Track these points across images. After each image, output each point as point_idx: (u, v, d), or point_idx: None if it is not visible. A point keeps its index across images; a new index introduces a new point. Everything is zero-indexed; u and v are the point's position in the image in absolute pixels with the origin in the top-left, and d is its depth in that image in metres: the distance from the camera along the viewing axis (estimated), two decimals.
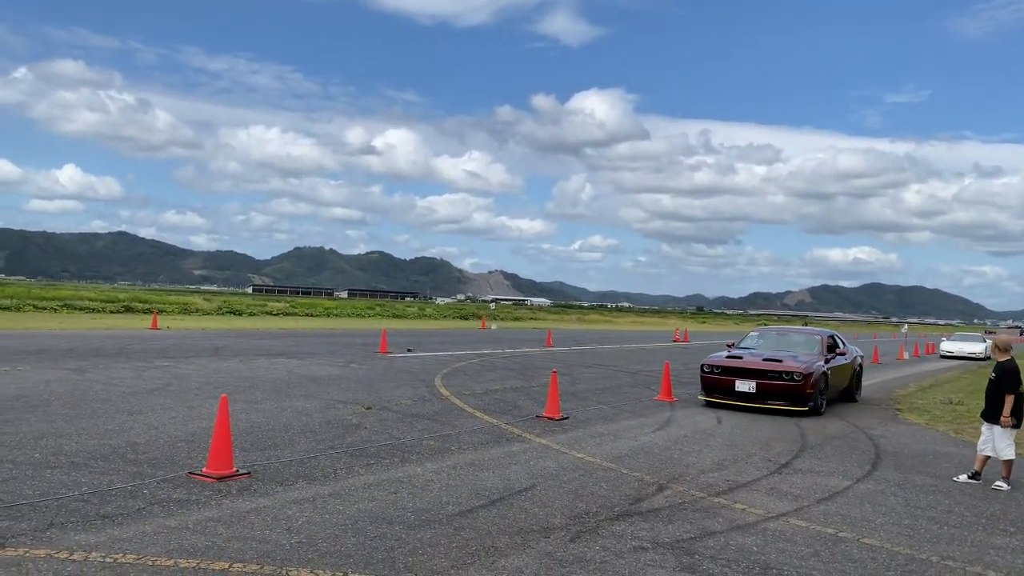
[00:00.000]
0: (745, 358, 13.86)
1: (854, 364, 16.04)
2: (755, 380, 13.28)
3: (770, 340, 15.67)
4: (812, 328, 16.65)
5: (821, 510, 7.05)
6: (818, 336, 15.46)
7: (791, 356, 13.90)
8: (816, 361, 13.73)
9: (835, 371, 14.33)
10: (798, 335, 15.84)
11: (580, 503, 6.80)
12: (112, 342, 21.17)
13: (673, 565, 5.31)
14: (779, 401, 13.09)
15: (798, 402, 13.01)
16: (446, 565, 5.04)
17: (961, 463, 9.63)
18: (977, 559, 5.86)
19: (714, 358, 14.15)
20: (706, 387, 13.96)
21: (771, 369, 13.32)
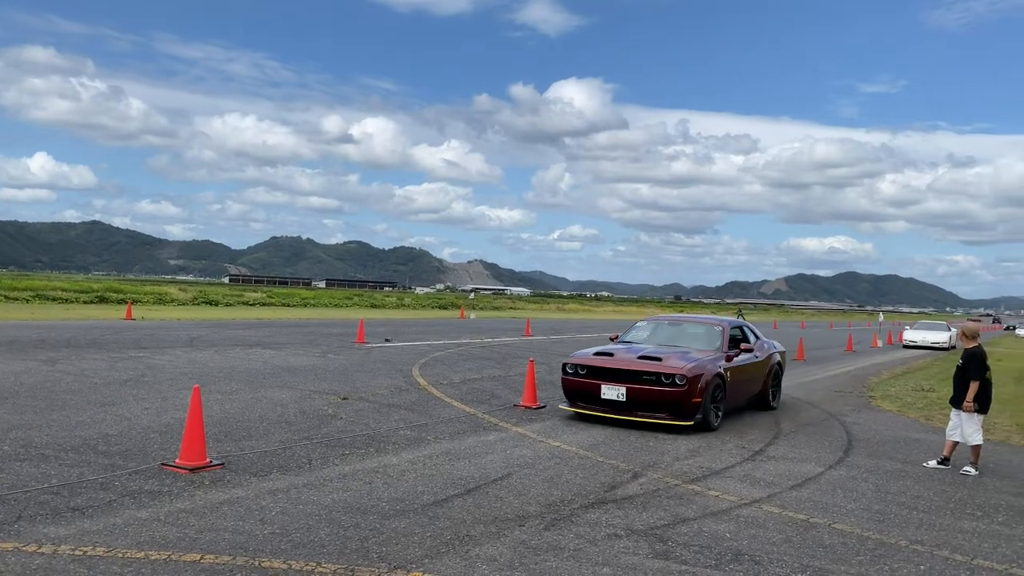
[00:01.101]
0: (617, 355, 10.67)
1: (769, 363, 12.68)
2: (625, 384, 10.16)
3: (660, 332, 12.40)
4: (714, 317, 13.17)
5: (794, 496, 7.13)
6: (719, 327, 12.01)
7: (678, 353, 10.84)
8: (710, 359, 10.70)
9: (738, 372, 11.28)
10: (695, 326, 12.51)
11: (555, 491, 6.82)
12: (85, 333, 20.91)
13: (647, 552, 5.34)
14: (655, 412, 10.06)
15: (680, 413, 9.96)
16: (420, 555, 5.04)
17: (931, 449, 9.78)
18: (945, 543, 5.96)
19: (579, 355, 11.09)
20: (568, 392, 10.85)
21: (647, 370, 10.13)
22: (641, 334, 12.43)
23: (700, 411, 10.03)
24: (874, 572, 5.20)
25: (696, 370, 10.11)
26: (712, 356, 10.88)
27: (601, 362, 10.58)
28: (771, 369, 12.73)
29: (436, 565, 4.87)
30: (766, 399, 12.61)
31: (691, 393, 9.91)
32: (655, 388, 10.02)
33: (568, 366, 10.83)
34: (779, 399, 13.10)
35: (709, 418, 10.22)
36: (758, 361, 12.23)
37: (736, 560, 5.28)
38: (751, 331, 12.79)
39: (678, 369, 10.03)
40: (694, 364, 10.26)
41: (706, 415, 10.15)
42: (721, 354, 11.11)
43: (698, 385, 9.99)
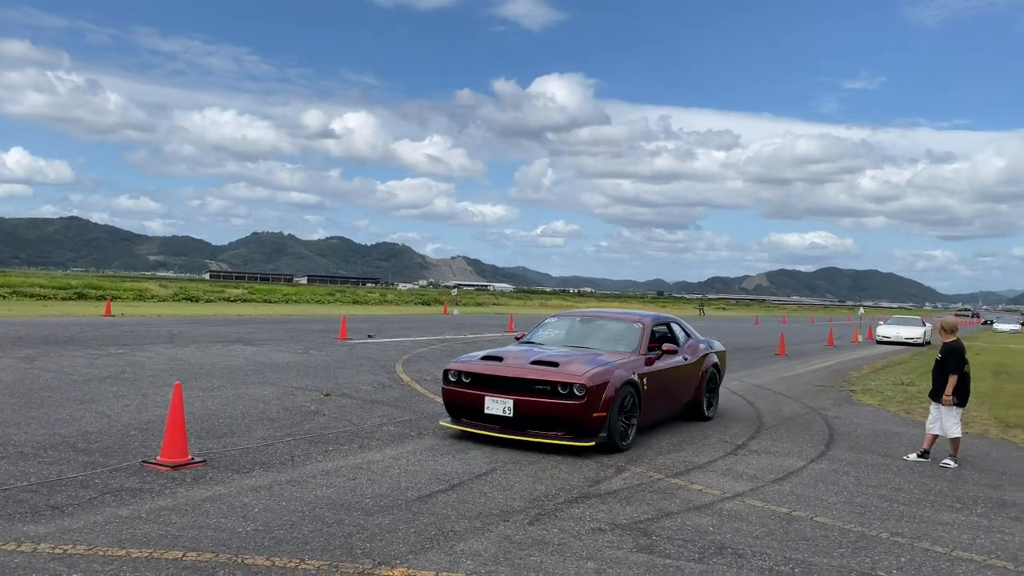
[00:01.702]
0: (507, 360, 8.78)
1: (702, 366, 10.92)
2: (513, 396, 8.25)
3: (571, 330, 10.49)
4: (635, 312, 10.96)
5: (776, 490, 7.18)
6: (638, 325, 10.06)
7: (582, 356, 8.88)
8: (622, 364, 8.82)
9: (660, 378, 9.47)
10: (610, 323, 10.44)
11: (539, 486, 6.83)
12: (64, 329, 20.69)
13: (630, 546, 5.36)
14: (549, 430, 8.20)
15: (579, 431, 8.11)
16: (404, 550, 5.03)
17: (911, 442, 9.88)
18: (925, 535, 6.02)
19: (464, 360, 9.10)
20: (449, 405, 8.90)
21: (539, 378, 8.25)
22: (549, 333, 10.52)
23: (604, 428, 8.17)
24: (856, 564, 5.25)
25: (599, 377, 8.24)
26: (626, 359, 9.03)
27: (487, 368, 8.61)
28: (705, 373, 10.92)
29: (420, 561, 4.86)
30: (699, 408, 10.77)
31: (592, 406, 8.04)
32: (549, 401, 8.12)
33: (451, 373, 8.86)
34: (716, 407, 11.36)
35: (616, 436, 8.32)
36: (688, 364, 10.43)
37: (719, 553, 5.31)
38: (681, 328, 11.04)
39: (576, 377, 8.14)
40: (598, 370, 8.35)
41: (612, 432, 8.25)
42: (638, 357, 9.29)
43: (602, 396, 8.12)
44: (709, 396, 11.14)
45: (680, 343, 10.60)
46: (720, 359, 11.81)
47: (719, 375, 11.66)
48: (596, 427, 8.14)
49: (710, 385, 11.15)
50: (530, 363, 8.58)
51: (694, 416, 10.84)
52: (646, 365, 9.25)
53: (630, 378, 8.66)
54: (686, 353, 10.55)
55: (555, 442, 8.12)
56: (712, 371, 11.24)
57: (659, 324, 10.52)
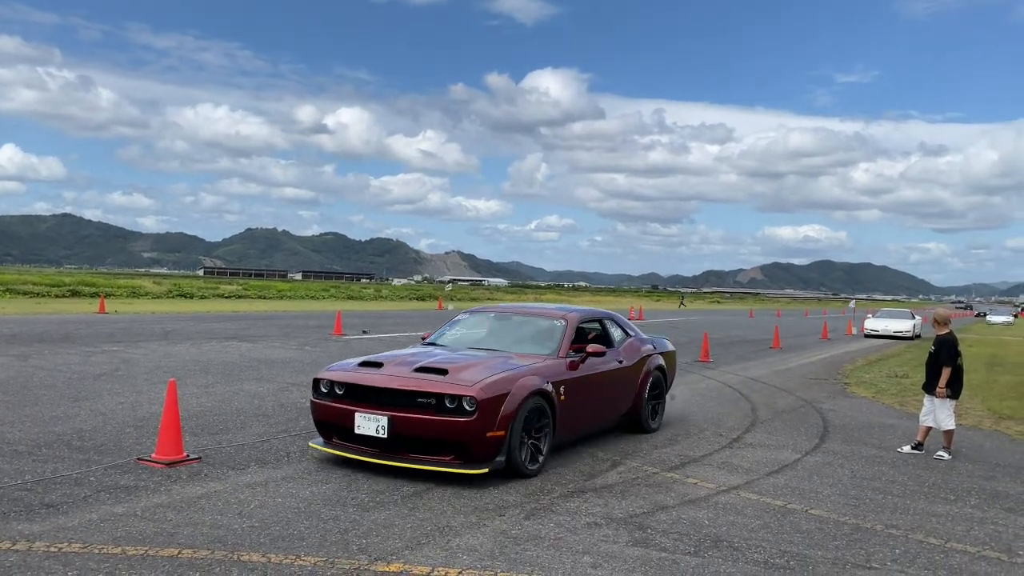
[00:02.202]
0: (388, 366, 7.21)
1: (643, 370, 9.29)
2: (389, 412, 6.70)
3: (483, 328, 9.01)
4: (560, 307, 9.40)
5: (771, 483, 7.20)
6: (560, 322, 8.43)
7: (480, 361, 7.28)
8: (532, 370, 7.23)
9: (584, 385, 7.90)
10: (530, 319, 8.85)
11: (535, 481, 6.84)
12: (57, 327, 20.62)
13: (626, 540, 5.37)
14: (433, 454, 6.66)
15: (469, 455, 6.57)
16: (400, 546, 5.03)
17: (905, 434, 9.91)
18: (919, 527, 6.04)
19: (337, 367, 7.48)
20: (319, 423, 7.31)
21: (421, 389, 6.72)
22: (458, 332, 8.92)
23: (502, 450, 6.64)
24: (850, 556, 5.27)
25: (496, 387, 6.66)
26: (540, 364, 7.46)
27: (360, 377, 7.04)
28: (647, 377, 9.30)
29: (416, 556, 4.86)
30: (639, 419, 9.17)
31: (485, 424, 6.48)
32: (432, 418, 6.56)
33: (322, 383, 7.24)
34: (661, 417, 9.74)
35: (519, 460, 6.78)
36: (623, 367, 8.82)
37: (715, 546, 5.32)
38: (618, 326, 9.43)
39: (465, 387, 6.57)
40: (495, 378, 6.78)
41: (513, 456, 6.72)
42: (556, 361, 7.71)
43: (498, 411, 6.58)
44: (653, 404, 9.53)
45: (614, 343, 9.04)
46: (668, 361, 10.14)
47: (666, 380, 10.04)
48: (491, 449, 6.59)
49: (654, 392, 9.52)
50: (413, 371, 6.96)
51: (634, 428, 9.26)
52: (569, 370, 7.69)
53: (540, 387, 7.04)
54: (621, 355, 8.91)
55: (439, 469, 6.55)
56: (656, 375, 9.59)
57: (588, 321, 9.02)
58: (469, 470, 6.52)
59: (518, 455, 6.81)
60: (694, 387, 13.88)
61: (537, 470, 7.06)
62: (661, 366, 9.81)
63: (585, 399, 7.95)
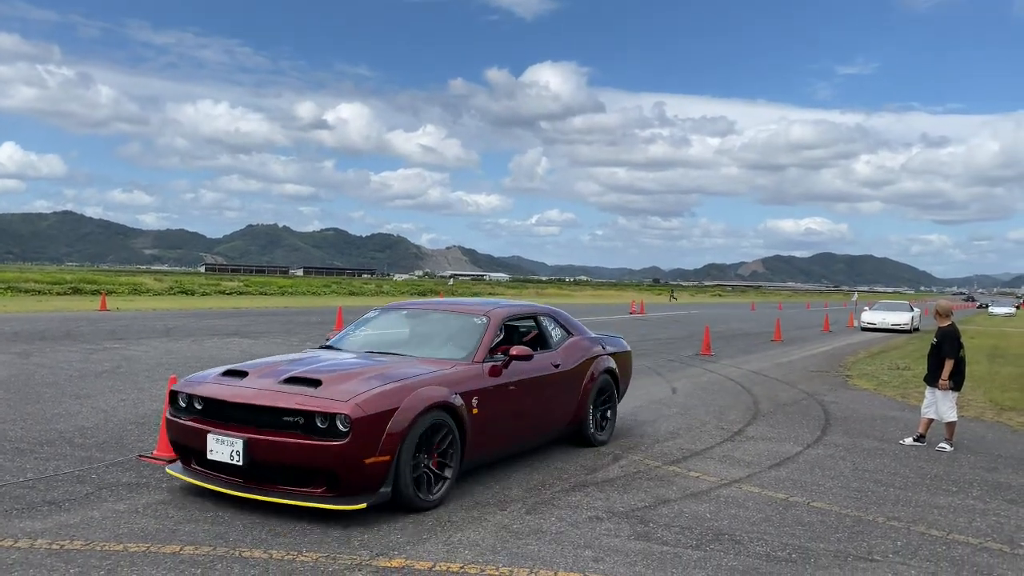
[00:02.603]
0: (253, 375, 5.97)
1: (587, 374, 8.02)
2: (246, 433, 5.49)
3: (392, 328, 7.78)
4: (485, 302, 8.03)
5: (773, 476, 7.20)
6: (481, 319, 7.17)
7: (370, 368, 6.08)
8: (435, 378, 6.03)
9: (509, 394, 6.69)
10: (446, 316, 7.56)
11: (536, 475, 6.84)
12: (59, 324, 20.64)
13: (628, 534, 5.37)
14: (302, 485, 5.42)
15: (343, 486, 5.34)
16: (402, 541, 5.03)
17: (907, 426, 9.90)
18: (921, 519, 6.04)
19: (196, 378, 6.21)
20: (175, 443, 6.06)
21: (285, 405, 5.48)
22: (363, 334, 7.61)
23: (387, 479, 5.40)
24: (852, 549, 5.27)
25: (378, 402, 5.41)
26: (448, 371, 6.21)
27: (217, 390, 5.78)
28: (592, 382, 8.04)
29: (418, 551, 4.87)
30: (584, 430, 7.96)
31: (362, 447, 5.23)
32: (298, 441, 5.29)
33: (180, 396, 5.99)
34: (612, 428, 8.51)
35: (407, 491, 5.50)
36: (561, 372, 7.55)
37: (717, 540, 5.32)
38: (557, 323, 8.18)
39: (337, 403, 5.32)
40: (380, 390, 5.52)
41: (402, 485, 5.46)
42: (471, 366, 6.46)
43: (382, 431, 5.33)
44: (601, 411, 8.33)
45: (552, 343, 7.80)
46: (621, 363, 8.84)
47: (618, 385, 8.69)
48: (371, 479, 5.33)
49: (602, 398, 8.32)
50: (281, 381, 5.72)
51: (578, 441, 8.07)
52: (489, 376, 6.51)
53: (442, 400, 5.80)
54: (560, 357, 7.65)
55: (304, 504, 5.30)
56: (604, 380, 8.32)
57: (518, 318, 7.79)
58: (341, 506, 5.26)
59: (408, 484, 5.53)
60: (696, 380, 13.87)
61: (437, 501, 5.78)
62: (611, 369, 8.48)
63: (509, 410, 6.71)
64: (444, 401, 5.85)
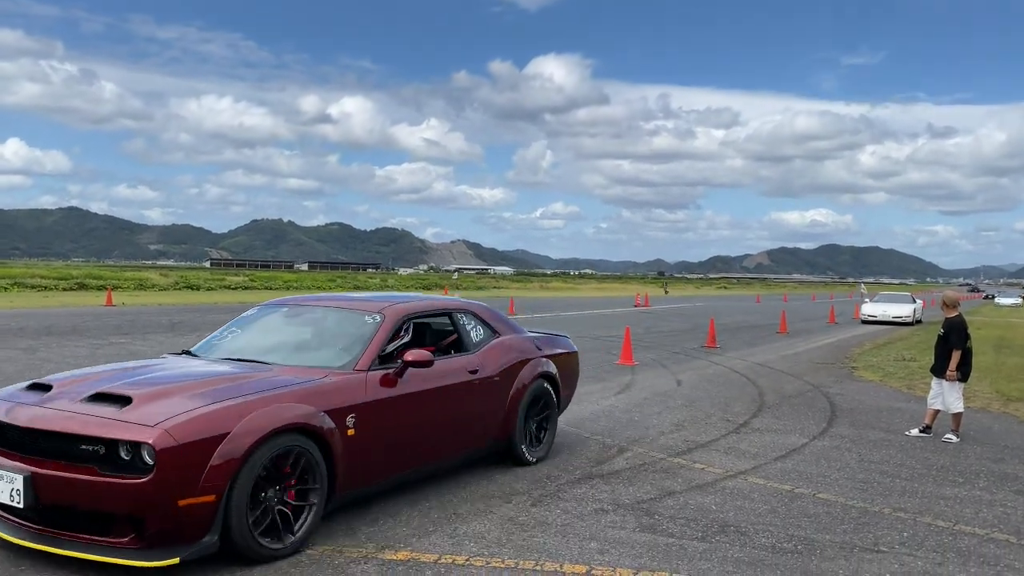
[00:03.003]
0: (57, 389, 4.72)
1: (519, 381, 6.80)
2: (32, 466, 4.23)
3: (267, 328, 6.38)
4: (384, 297, 6.65)
5: (778, 467, 7.19)
6: (374, 317, 5.94)
7: (199, 381, 4.83)
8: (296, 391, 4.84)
9: (399, 411, 5.50)
10: (334, 314, 6.25)
11: (542, 467, 6.84)
12: (65, 320, 20.70)
13: (633, 525, 5.37)
14: (98, 534, 4.13)
15: (149, 534, 4.07)
16: (407, 534, 5.04)
17: (913, 418, 9.88)
18: (927, 510, 6.03)
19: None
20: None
21: (78, 432, 4.22)
22: (231, 335, 6.28)
23: (212, 525, 4.24)
24: (859, 540, 5.26)
25: (197, 426, 4.26)
26: (317, 383, 5.02)
27: (6, 411, 4.61)
28: (523, 391, 6.77)
29: (423, 544, 4.87)
30: (513, 447, 6.74)
31: (174, 485, 4.09)
32: (93, 477, 4.13)
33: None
34: (550, 443, 7.23)
35: (244, 539, 4.36)
36: (481, 380, 6.30)
37: (723, 532, 5.32)
38: (482, 321, 6.86)
39: (141, 429, 4.16)
40: (202, 412, 4.36)
41: (235, 532, 4.32)
42: (351, 376, 5.26)
43: (204, 464, 4.18)
44: (538, 423, 7.09)
45: (470, 344, 6.54)
46: (563, 366, 7.56)
47: (558, 392, 7.38)
48: (190, 526, 4.16)
49: (536, 409, 7.04)
50: (85, 399, 4.52)
51: (507, 459, 6.84)
52: (378, 387, 5.30)
53: (298, 421, 4.61)
54: (478, 361, 6.39)
55: (102, 560, 4.12)
56: (540, 387, 7.04)
57: (426, 315, 6.43)
58: (146, 562, 4.08)
59: (245, 531, 4.33)
60: (701, 373, 13.86)
61: (294, 546, 4.61)
62: (549, 374, 7.18)
63: (403, 428, 5.49)
64: (299, 423, 4.61)
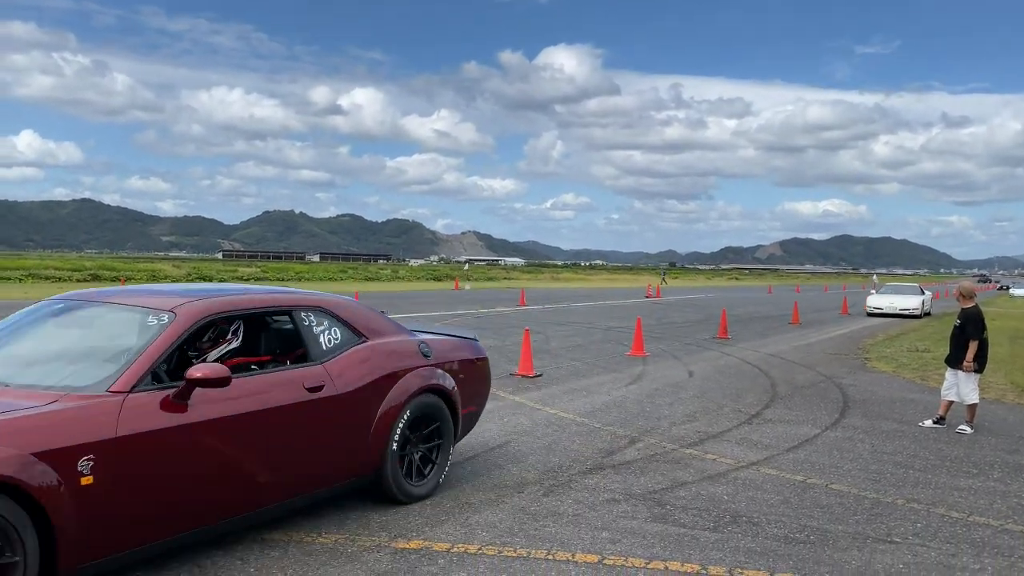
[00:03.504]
0: None
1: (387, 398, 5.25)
2: None
3: (32, 329, 4.85)
4: (181, 290, 4.92)
5: (791, 458, 7.17)
6: (159, 318, 4.37)
7: None
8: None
9: (185, 446, 4.01)
10: (112, 312, 4.70)
11: (553, 458, 6.85)
12: None
13: (645, 516, 5.37)
14: None
15: None
16: (420, 523, 5.06)
17: (927, 409, 9.83)
18: (941, 501, 6.00)
19: None
20: None
21: None
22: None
23: None
24: (871, 531, 5.24)
25: None
26: (33, 411, 3.63)
27: None
28: (397, 411, 5.31)
29: (436, 533, 4.89)
30: (383, 481, 5.30)
31: None
32: None
33: None
34: (439, 476, 5.71)
35: None
36: (326, 399, 4.87)
37: (734, 522, 5.31)
38: (340, 321, 5.34)
39: None
40: None
41: None
42: (101, 402, 3.82)
43: None
44: (424, 451, 5.61)
45: (316, 351, 5.04)
46: (463, 376, 6.00)
47: (454, 410, 5.80)
48: None
49: (421, 433, 5.56)
50: None
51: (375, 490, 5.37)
52: (152, 414, 3.95)
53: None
54: (324, 374, 4.93)
55: None
56: (425, 404, 5.51)
57: (237, 313, 4.81)
58: None
59: None
60: (713, 363, 13.83)
61: None
62: (441, 388, 5.61)
63: (181, 473, 4.04)
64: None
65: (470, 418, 6.28)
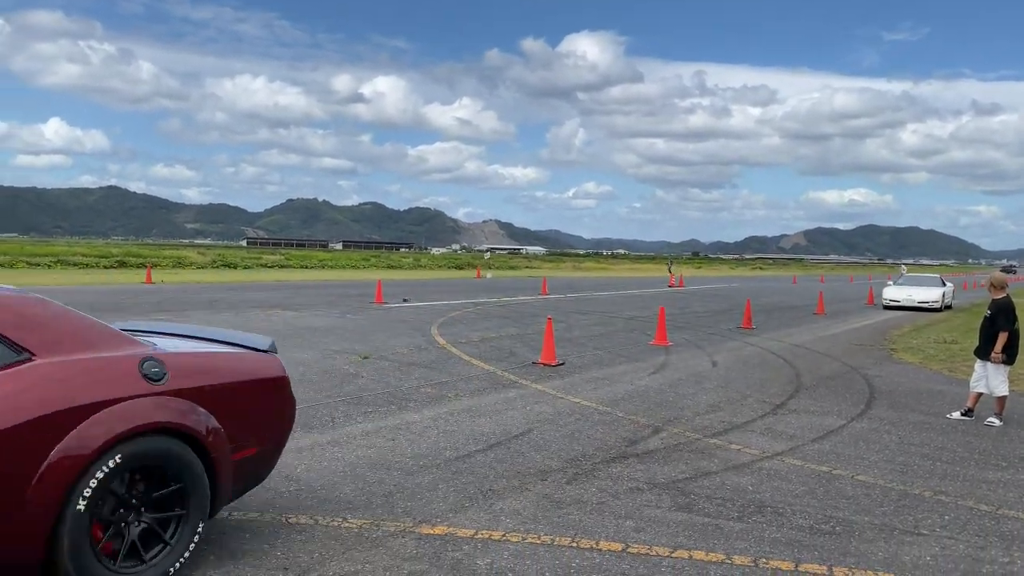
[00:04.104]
0: None
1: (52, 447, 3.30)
2: None
3: None
4: None
5: (816, 449, 7.12)
6: None
7: None
8: None
9: None
10: None
11: (576, 446, 6.85)
12: (107, 297, 21.11)
13: (669, 504, 5.36)
14: None
15: None
16: (444, 509, 5.09)
17: (954, 400, 9.71)
18: (969, 493, 5.93)
19: None
20: None
21: None
22: None
23: None
24: (898, 523, 5.20)
25: None
26: None
27: None
28: (75, 472, 3.37)
29: (460, 519, 4.91)
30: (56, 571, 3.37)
31: None
32: None
33: None
34: (170, 562, 3.76)
35: None
36: None
37: (759, 512, 5.29)
38: None
39: None
40: None
41: None
42: None
43: None
44: (147, 520, 3.74)
45: None
46: (244, 405, 4.24)
47: (208, 459, 3.92)
48: None
49: (140, 496, 3.73)
50: None
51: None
52: None
53: None
54: None
55: None
56: (156, 451, 3.72)
57: None
58: None
59: None
60: (737, 353, 13.75)
61: None
62: (179, 426, 3.78)
63: None
64: None
65: (248, 466, 4.28)
